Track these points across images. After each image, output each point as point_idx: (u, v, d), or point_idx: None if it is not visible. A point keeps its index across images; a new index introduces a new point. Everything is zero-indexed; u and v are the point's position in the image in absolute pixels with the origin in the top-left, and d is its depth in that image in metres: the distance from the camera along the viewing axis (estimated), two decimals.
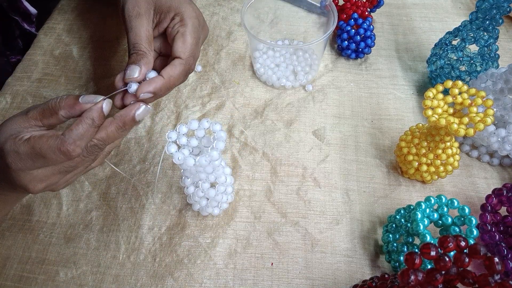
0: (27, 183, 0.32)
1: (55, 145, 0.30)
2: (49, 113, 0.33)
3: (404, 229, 0.41)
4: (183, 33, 0.39)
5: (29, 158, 0.31)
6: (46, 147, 0.30)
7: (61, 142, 0.30)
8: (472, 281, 0.25)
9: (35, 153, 0.30)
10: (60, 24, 0.67)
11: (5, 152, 0.31)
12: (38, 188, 0.33)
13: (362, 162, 0.51)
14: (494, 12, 0.48)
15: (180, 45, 0.39)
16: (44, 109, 0.33)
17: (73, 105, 0.33)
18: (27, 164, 0.31)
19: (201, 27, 0.42)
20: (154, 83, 0.36)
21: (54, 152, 0.30)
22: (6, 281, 0.42)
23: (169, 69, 0.37)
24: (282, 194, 0.48)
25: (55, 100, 0.33)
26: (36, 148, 0.30)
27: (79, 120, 0.32)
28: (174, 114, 0.56)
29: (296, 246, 0.45)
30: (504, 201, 0.42)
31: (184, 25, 0.40)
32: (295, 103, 0.57)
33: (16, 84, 0.59)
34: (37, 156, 0.31)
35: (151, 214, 0.47)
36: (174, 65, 0.38)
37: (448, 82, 0.41)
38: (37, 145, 0.30)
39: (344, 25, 0.60)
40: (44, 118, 0.33)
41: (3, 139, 0.32)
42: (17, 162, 0.31)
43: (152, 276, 0.43)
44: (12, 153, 0.31)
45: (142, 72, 0.36)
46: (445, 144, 0.44)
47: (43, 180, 0.33)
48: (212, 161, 0.36)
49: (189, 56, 0.39)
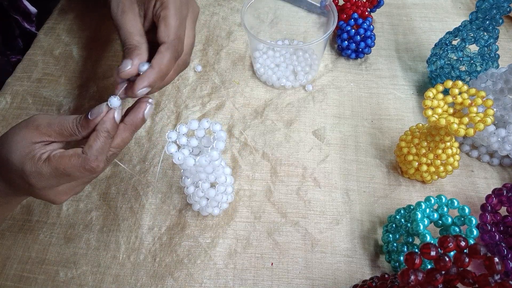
0: (53, 197, 0.33)
1: (79, 164, 0.31)
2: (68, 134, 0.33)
3: (404, 229, 0.41)
4: (164, 17, 0.38)
5: (53, 178, 0.31)
6: (70, 167, 0.31)
7: (84, 161, 0.31)
8: (472, 281, 0.25)
9: (59, 173, 0.31)
10: (60, 24, 0.67)
11: (27, 173, 0.31)
12: (64, 199, 0.34)
13: (362, 162, 0.51)
14: (494, 12, 0.48)
15: (162, 30, 0.37)
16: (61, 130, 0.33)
17: (87, 125, 0.33)
18: (51, 183, 0.32)
19: (185, 6, 0.40)
20: (147, 77, 0.35)
21: (79, 171, 0.31)
22: (6, 281, 0.42)
23: (157, 57, 0.36)
24: (282, 194, 0.48)
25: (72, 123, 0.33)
26: (60, 168, 0.31)
27: (95, 135, 0.32)
28: (174, 114, 0.56)
29: (296, 246, 0.45)
30: (504, 201, 0.42)
31: (164, 8, 0.38)
32: (295, 103, 0.57)
33: (16, 84, 0.59)
34: (62, 175, 0.31)
35: (151, 214, 0.47)
36: (161, 51, 0.36)
37: (448, 82, 0.41)
38: (61, 166, 0.31)
39: (344, 25, 0.60)
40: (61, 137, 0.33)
41: (18, 156, 0.32)
42: (41, 182, 0.31)
43: (152, 276, 0.43)
44: (35, 174, 0.31)
45: (134, 64, 0.36)
46: (445, 144, 0.44)
47: (68, 193, 0.34)
48: (212, 161, 0.36)
49: (173, 38, 0.37)
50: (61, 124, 0.33)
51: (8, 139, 0.32)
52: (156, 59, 0.36)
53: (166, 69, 0.36)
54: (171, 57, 0.37)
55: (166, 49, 0.36)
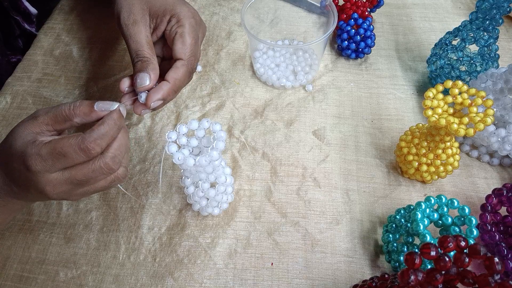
0: (45, 185, 0.33)
1: (76, 143, 0.31)
2: (62, 119, 0.34)
3: (404, 229, 0.41)
4: (182, 34, 0.39)
5: (50, 158, 0.31)
6: (67, 145, 0.31)
7: (81, 140, 0.31)
8: (472, 281, 0.25)
9: (56, 152, 0.31)
10: (60, 24, 0.67)
11: (27, 155, 0.32)
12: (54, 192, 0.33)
13: (362, 162, 0.51)
14: (494, 12, 0.48)
15: (180, 46, 0.39)
16: (56, 115, 0.34)
17: (88, 113, 0.34)
18: (47, 165, 0.32)
19: (198, 26, 0.42)
20: (161, 90, 0.37)
21: (74, 150, 0.31)
22: (6, 281, 0.42)
23: (172, 72, 0.38)
24: (282, 194, 0.48)
25: (68, 107, 0.34)
26: (57, 147, 0.31)
27: (101, 122, 0.33)
28: (174, 114, 0.56)
29: (296, 246, 0.45)
30: (504, 201, 0.42)
31: (181, 26, 0.40)
32: (295, 103, 0.57)
33: (16, 84, 0.59)
34: (58, 156, 0.31)
35: (151, 214, 0.47)
36: (177, 67, 0.38)
37: (448, 82, 0.41)
38: (59, 145, 0.31)
39: (344, 25, 0.60)
40: (56, 123, 0.34)
41: (20, 143, 0.32)
42: (38, 163, 0.32)
43: (152, 276, 0.43)
44: (34, 155, 0.31)
45: (152, 79, 0.37)
46: (445, 144, 0.44)
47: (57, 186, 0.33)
48: (212, 161, 0.36)
49: (190, 56, 0.39)
50: (56, 109, 0.34)
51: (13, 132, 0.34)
52: (172, 73, 0.38)
53: (180, 83, 0.38)
54: (186, 73, 0.38)
55: (182, 65, 0.38)
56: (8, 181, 0.35)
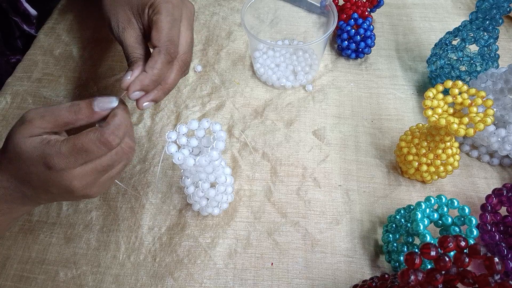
0: (71, 180, 0.33)
1: (96, 137, 0.32)
2: (63, 124, 0.34)
3: (404, 229, 0.41)
4: (156, 21, 0.38)
5: (71, 155, 0.32)
6: (87, 141, 0.32)
7: (100, 134, 0.32)
8: (472, 281, 0.25)
9: (77, 149, 0.32)
10: (60, 24, 0.67)
11: (47, 155, 0.32)
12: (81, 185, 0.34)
13: (362, 162, 0.51)
14: (494, 12, 0.48)
15: (154, 34, 0.38)
16: (56, 120, 0.33)
17: (91, 115, 0.34)
18: (70, 161, 0.32)
19: (177, 8, 0.40)
20: (138, 81, 0.36)
21: (95, 145, 0.32)
22: (6, 281, 0.42)
23: (149, 62, 0.37)
24: (282, 194, 0.48)
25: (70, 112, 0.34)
26: (78, 144, 0.32)
27: (113, 114, 0.34)
28: (174, 114, 0.56)
29: (296, 246, 0.45)
30: (504, 201, 0.42)
31: (156, 13, 0.39)
32: (295, 103, 0.57)
33: (16, 84, 0.59)
34: (80, 152, 0.32)
35: (151, 214, 0.47)
36: (152, 55, 0.37)
37: (448, 82, 0.41)
38: (79, 141, 0.32)
39: (344, 25, 0.60)
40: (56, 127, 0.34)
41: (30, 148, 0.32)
42: (61, 162, 0.32)
43: (152, 276, 0.43)
44: (56, 155, 0.32)
45: (133, 75, 0.37)
46: (445, 144, 0.44)
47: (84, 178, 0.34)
48: (212, 161, 0.36)
49: (165, 41, 0.38)
50: (54, 114, 0.34)
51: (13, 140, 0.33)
52: (149, 63, 0.37)
53: (159, 72, 0.37)
54: (163, 60, 0.37)
55: (157, 53, 0.37)
56: (21, 186, 0.34)
